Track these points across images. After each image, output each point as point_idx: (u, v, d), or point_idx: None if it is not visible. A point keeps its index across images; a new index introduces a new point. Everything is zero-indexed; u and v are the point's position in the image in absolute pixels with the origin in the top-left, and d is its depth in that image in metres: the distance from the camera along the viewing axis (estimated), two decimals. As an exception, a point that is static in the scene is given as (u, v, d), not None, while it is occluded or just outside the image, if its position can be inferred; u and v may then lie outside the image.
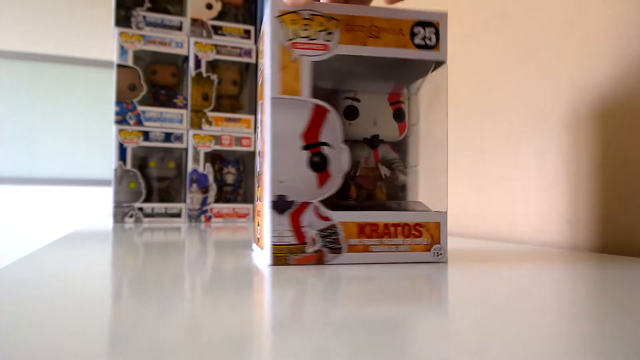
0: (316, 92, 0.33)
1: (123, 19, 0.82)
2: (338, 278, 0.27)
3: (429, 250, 0.35)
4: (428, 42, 0.35)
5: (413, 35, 0.35)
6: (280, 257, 0.32)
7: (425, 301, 0.21)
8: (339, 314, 0.19)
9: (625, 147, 0.43)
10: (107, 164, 2.69)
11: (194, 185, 0.84)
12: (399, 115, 0.39)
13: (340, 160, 0.33)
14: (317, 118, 0.33)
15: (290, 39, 0.33)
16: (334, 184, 0.33)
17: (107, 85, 2.71)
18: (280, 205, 0.32)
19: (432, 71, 0.38)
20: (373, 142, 0.38)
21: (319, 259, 0.33)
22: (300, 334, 0.16)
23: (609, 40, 0.45)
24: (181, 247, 0.43)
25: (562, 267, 0.33)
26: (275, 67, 0.32)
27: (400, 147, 0.40)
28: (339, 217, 0.33)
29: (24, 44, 2.57)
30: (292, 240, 0.32)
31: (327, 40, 0.33)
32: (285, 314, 0.19)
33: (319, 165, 0.33)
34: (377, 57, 0.35)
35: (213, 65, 0.89)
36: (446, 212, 0.36)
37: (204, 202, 0.84)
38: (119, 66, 0.81)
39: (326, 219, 0.33)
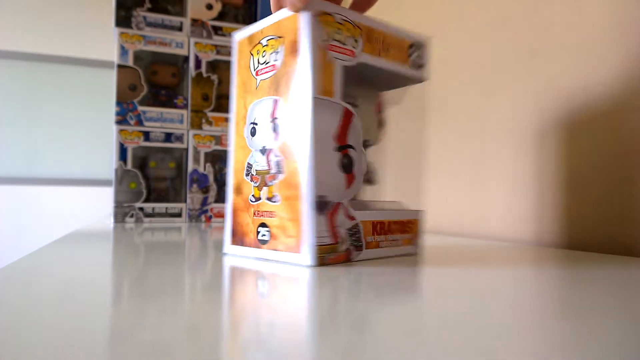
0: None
1: (123, 19, 0.82)
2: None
3: (412, 244, 0.39)
4: (419, 61, 0.39)
5: (410, 54, 0.39)
6: (321, 257, 0.32)
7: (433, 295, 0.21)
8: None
9: (632, 147, 0.43)
10: (107, 164, 2.69)
11: (195, 185, 0.84)
12: (381, 123, 0.41)
13: (361, 162, 0.35)
14: (346, 121, 0.34)
15: (325, 40, 0.33)
16: (358, 185, 0.35)
17: (108, 85, 2.71)
18: (320, 205, 0.33)
19: (414, 84, 0.41)
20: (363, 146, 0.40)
21: (347, 257, 0.34)
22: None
23: (610, 41, 0.45)
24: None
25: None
26: (316, 66, 0.33)
27: (376, 151, 0.42)
28: (360, 216, 0.35)
29: (24, 44, 2.57)
30: (328, 240, 0.33)
31: (354, 47, 0.35)
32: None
33: (348, 166, 0.34)
34: (372, 68, 0.37)
35: (213, 66, 0.89)
36: (424, 210, 0.39)
37: (204, 202, 0.84)
38: (119, 66, 0.81)
39: (352, 218, 0.34)
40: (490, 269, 0.32)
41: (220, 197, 0.87)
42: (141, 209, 0.80)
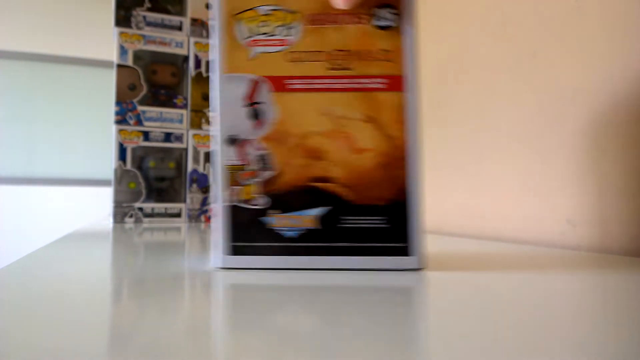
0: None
1: (123, 19, 0.82)
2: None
3: None
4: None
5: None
6: None
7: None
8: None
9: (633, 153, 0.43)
10: (107, 164, 2.69)
11: (194, 185, 0.84)
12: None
13: None
14: None
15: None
16: None
17: (107, 85, 2.71)
18: None
19: None
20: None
21: None
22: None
23: (610, 41, 0.45)
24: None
25: (561, 269, 0.33)
26: None
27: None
28: None
29: (24, 44, 2.57)
30: None
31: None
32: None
33: None
34: None
35: (213, 65, 0.88)
36: None
37: (204, 202, 0.84)
38: (119, 66, 0.81)
39: None
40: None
41: (220, 197, 0.87)
42: (140, 209, 0.80)
